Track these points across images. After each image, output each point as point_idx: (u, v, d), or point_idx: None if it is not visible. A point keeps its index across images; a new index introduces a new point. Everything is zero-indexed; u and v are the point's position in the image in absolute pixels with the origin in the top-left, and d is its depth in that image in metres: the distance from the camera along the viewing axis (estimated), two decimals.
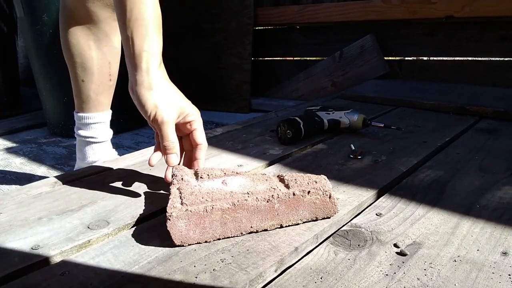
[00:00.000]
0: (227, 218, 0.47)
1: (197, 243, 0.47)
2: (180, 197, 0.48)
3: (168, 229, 0.46)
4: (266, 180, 0.52)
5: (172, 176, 0.54)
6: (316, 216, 0.51)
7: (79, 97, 0.89)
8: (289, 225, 0.51)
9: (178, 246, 0.47)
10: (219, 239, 0.48)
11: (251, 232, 0.49)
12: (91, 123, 0.90)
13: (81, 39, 0.85)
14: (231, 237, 0.49)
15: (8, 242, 0.48)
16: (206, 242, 0.48)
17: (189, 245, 0.47)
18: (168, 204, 0.47)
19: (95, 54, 0.86)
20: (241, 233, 0.49)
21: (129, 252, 0.46)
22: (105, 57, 0.87)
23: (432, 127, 0.94)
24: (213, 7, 1.88)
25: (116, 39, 0.88)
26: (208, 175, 0.53)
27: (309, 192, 0.50)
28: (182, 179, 0.53)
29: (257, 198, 0.48)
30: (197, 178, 0.53)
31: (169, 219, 0.45)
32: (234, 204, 0.47)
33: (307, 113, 0.91)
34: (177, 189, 0.51)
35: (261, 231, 0.50)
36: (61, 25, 0.85)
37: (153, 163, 0.58)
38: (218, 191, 0.49)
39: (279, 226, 0.50)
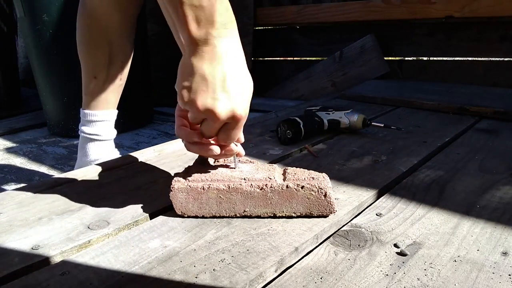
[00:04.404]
0: (222, 198, 0.52)
1: (196, 216, 0.53)
2: (188, 173, 0.54)
3: (171, 199, 0.52)
4: (269, 170, 0.55)
5: (198, 157, 0.59)
6: (310, 211, 0.52)
7: (88, 94, 0.90)
8: (282, 216, 0.53)
9: (180, 216, 0.53)
10: (215, 216, 0.53)
11: (245, 216, 0.52)
12: (97, 121, 0.90)
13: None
14: (227, 216, 0.53)
15: (8, 242, 0.48)
16: (203, 217, 0.53)
17: (188, 216, 0.53)
18: (174, 177, 0.53)
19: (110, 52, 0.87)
20: (236, 215, 0.53)
21: (129, 252, 0.46)
22: (118, 56, 0.88)
23: (432, 127, 0.94)
24: None
25: (129, 40, 0.89)
26: (224, 160, 0.59)
27: (303, 187, 0.51)
28: (201, 159, 0.58)
29: (251, 184, 0.51)
30: (215, 160, 0.59)
31: (171, 190, 0.52)
32: (229, 186, 0.51)
33: (307, 113, 0.91)
34: (192, 166, 0.56)
35: (254, 217, 0.53)
36: (79, 23, 0.87)
37: None
38: (220, 174, 0.53)
39: (272, 215, 0.53)
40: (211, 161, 0.59)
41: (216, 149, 0.50)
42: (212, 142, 0.52)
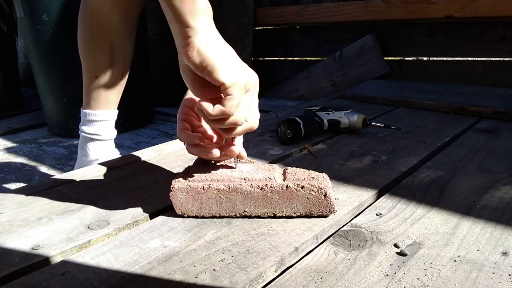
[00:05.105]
0: (222, 198, 0.52)
1: (196, 216, 0.53)
2: (188, 173, 0.54)
3: (171, 199, 0.52)
4: (269, 170, 0.54)
5: (198, 157, 0.58)
6: (310, 211, 0.52)
7: (88, 93, 0.90)
8: (282, 216, 0.52)
9: (180, 216, 0.53)
10: (215, 216, 0.53)
11: (245, 216, 0.52)
12: (97, 120, 0.91)
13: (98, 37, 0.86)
14: (227, 216, 0.53)
15: (8, 242, 0.48)
16: (203, 217, 0.53)
17: (188, 216, 0.53)
18: (175, 177, 0.53)
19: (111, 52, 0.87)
20: (236, 215, 0.52)
21: (129, 252, 0.46)
22: (120, 55, 0.88)
23: (432, 127, 0.94)
24: (213, 7, 1.88)
25: (130, 40, 0.90)
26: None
27: (303, 187, 0.51)
28: (201, 159, 0.57)
29: (251, 184, 0.51)
30: (215, 161, 0.58)
31: (171, 190, 0.52)
32: (229, 186, 0.51)
33: (307, 113, 0.91)
34: (192, 166, 0.56)
35: (254, 217, 0.53)
36: (80, 23, 0.87)
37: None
38: (220, 173, 0.53)
39: (272, 215, 0.52)
40: (211, 161, 0.59)
41: (216, 152, 0.51)
42: (213, 145, 0.52)
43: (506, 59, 1.43)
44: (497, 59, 1.45)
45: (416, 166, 0.71)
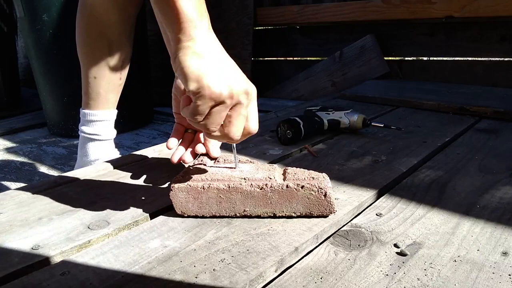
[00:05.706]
0: (222, 197, 0.52)
1: (196, 216, 0.53)
2: (188, 173, 0.54)
3: (171, 198, 0.52)
4: (269, 170, 0.54)
5: (198, 157, 0.60)
6: (310, 211, 0.52)
7: (88, 94, 0.90)
8: (282, 216, 0.53)
9: (180, 215, 0.53)
10: (215, 216, 0.53)
11: (245, 216, 0.53)
12: (97, 121, 0.91)
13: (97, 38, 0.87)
14: (227, 216, 0.53)
15: (8, 242, 0.48)
16: (203, 217, 0.53)
17: (188, 216, 0.53)
18: (175, 177, 0.53)
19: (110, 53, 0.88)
20: (235, 214, 0.53)
21: (129, 252, 0.46)
22: (118, 55, 0.88)
23: (432, 127, 0.94)
24: (213, 7, 1.88)
25: (129, 40, 0.90)
26: (224, 160, 0.59)
27: (303, 187, 0.51)
28: (202, 159, 0.58)
29: (251, 184, 0.51)
30: (215, 161, 0.59)
31: (172, 190, 0.52)
32: (229, 186, 0.51)
33: (307, 113, 0.91)
34: (191, 166, 0.56)
35: (254, 217, 0.53)
36: (79, 23, 0.87)
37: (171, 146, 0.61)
38: (220, 173, 0.53)
39: (272, 215, 0.53)
40: (211, 161, 0.59)
41: (181, 157, 0.59)
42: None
43: (506, 59, 1.43)
44: (497, 59, 1.45)
45: (416, 166, 0.71)
